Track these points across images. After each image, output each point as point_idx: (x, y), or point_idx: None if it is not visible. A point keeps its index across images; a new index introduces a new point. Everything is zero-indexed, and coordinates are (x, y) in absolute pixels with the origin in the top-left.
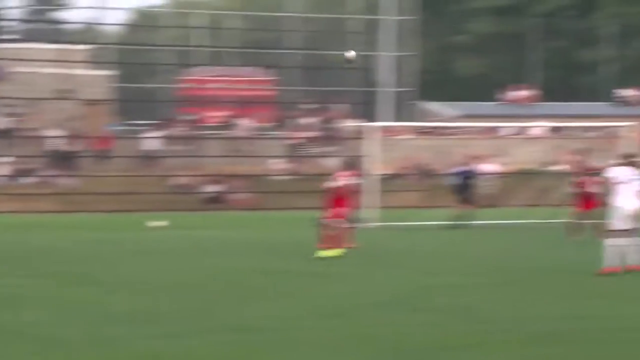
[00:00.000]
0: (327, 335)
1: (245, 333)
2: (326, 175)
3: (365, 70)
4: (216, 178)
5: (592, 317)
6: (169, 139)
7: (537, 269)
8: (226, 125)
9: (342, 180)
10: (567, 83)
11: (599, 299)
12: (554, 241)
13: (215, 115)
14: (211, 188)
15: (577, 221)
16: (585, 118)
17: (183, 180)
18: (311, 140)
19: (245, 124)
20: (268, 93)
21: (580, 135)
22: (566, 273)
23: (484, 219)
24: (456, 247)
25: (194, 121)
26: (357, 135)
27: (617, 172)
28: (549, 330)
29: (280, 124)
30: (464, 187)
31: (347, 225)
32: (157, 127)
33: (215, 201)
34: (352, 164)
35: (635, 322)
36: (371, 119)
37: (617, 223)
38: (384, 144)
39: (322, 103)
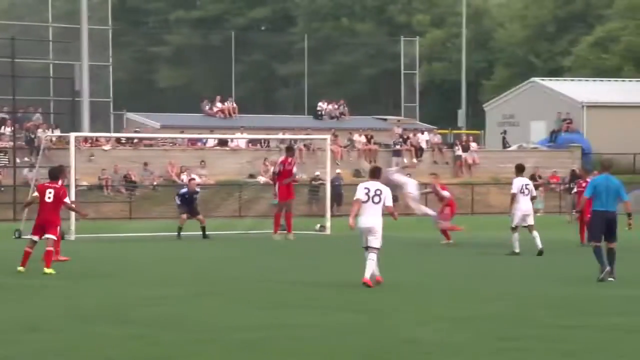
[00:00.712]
0: (23, 349)
1: None
2: (24, 186)
3: (62, 80)
4: None
5: (290, 326)
6: None
7: (242, 279)
8: None
9: (51, 190)
10: (265, 96)
11: (297, 308)
12: (257, 251)
13: None
14: None
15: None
16: (284, 130)
17: None
18: (7, 150)
19: None
20: None
21: (280, 147)
22: (269, 282)
23: (190, 230)
24: (162, 258)
25: None
26: (56, 145)
27: (361, 191)
28: (253, 338)
29: None
30: (188, 204)
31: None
32: None
33: None
34: (58, 174)
35: (321, 331)
36: (70, 128)
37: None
38: (83, 154)
39: (19, 112)
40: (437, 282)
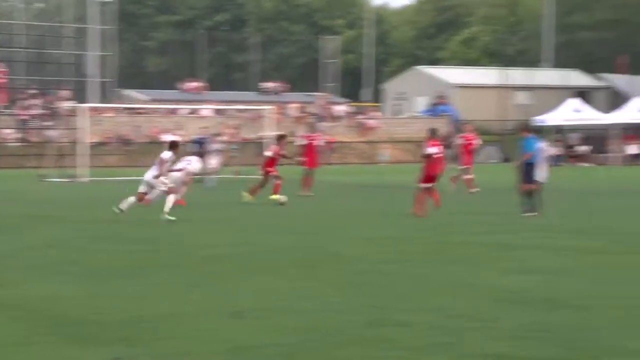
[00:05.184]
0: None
1: None
2: (48, 143)
3: (77, 65)
4: None
5: (243, 245)
6: None
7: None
8: None
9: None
10: (226, 78)
11: (249, 231)
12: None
13: None
14: None
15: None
16: (239, 103)
17: None
18: (36, 116)
19: None
20: (2, 81)
21: (236, 115)
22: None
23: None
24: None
25: None
26: (72, 113)
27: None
28: (219, 253)
29: (11, 103)
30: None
31: None
32: None
33: None
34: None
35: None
36: (83, 101)
37: None
38: (92, 120)
39: (44, 89)
40: (348, 214)
